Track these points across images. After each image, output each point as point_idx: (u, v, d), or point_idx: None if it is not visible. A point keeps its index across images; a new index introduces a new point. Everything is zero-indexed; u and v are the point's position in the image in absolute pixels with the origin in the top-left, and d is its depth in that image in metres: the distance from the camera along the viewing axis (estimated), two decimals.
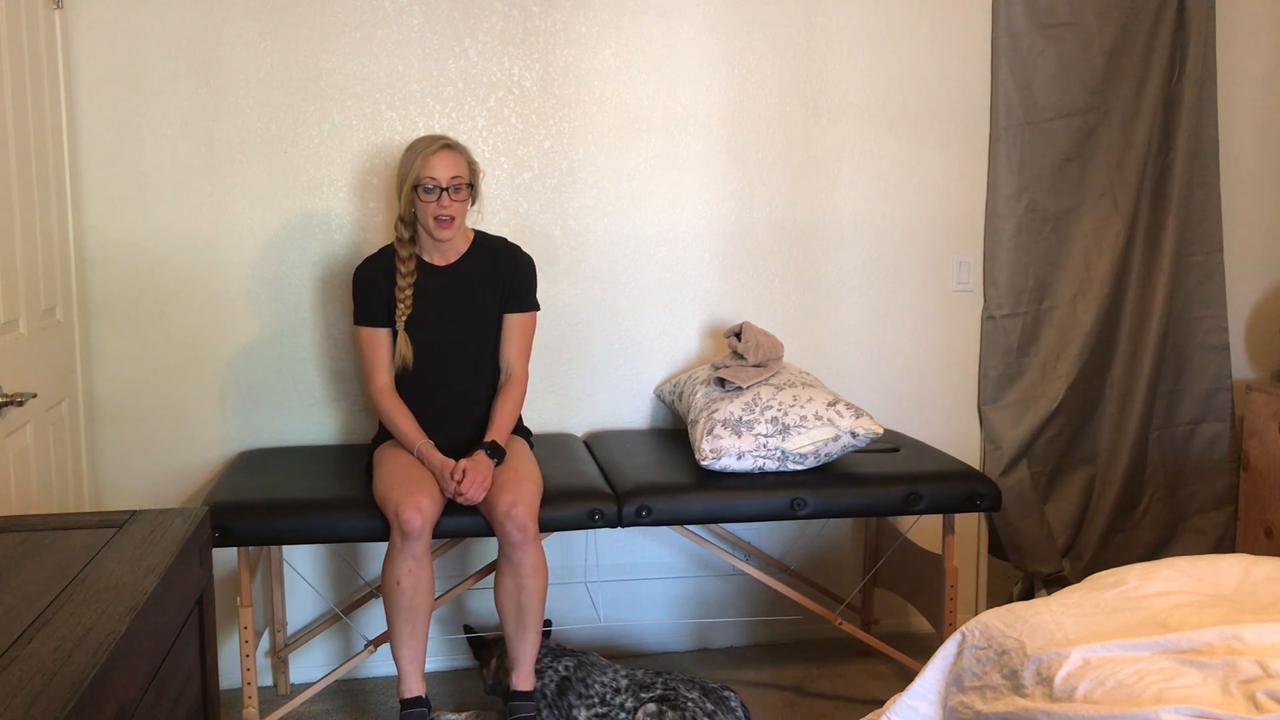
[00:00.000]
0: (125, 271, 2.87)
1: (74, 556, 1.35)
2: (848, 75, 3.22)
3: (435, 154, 2.51)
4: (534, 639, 2.52)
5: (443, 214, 2.52)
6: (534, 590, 2.47)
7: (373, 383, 2.63)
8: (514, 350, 2.67)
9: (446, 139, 2.57)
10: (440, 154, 2.51)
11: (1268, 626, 1.78)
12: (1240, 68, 3.52)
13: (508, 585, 2.48)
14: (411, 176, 2.51)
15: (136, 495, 2.94)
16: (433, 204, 2.51)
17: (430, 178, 2.50)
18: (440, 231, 2.55)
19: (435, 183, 2.51)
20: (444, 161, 2.51)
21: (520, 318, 2.67)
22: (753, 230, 3.23)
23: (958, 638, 2.02)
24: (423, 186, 2.51)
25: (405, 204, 2.54)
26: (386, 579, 2.44)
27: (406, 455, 2.57)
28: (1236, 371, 3.62)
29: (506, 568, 2.47)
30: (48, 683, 0.99)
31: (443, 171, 2.51)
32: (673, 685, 2.59)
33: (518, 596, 2.47)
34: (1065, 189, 3.38)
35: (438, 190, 2.51)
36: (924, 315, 3.38)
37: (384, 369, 2.62)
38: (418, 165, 2.50)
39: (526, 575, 2.46)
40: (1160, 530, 3.61)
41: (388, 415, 2.60)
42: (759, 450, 2.70)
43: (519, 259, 2.70)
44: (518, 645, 2.51)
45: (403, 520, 2.37)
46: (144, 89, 2.83)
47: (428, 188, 2.51)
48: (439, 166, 2.51)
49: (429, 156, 2.50)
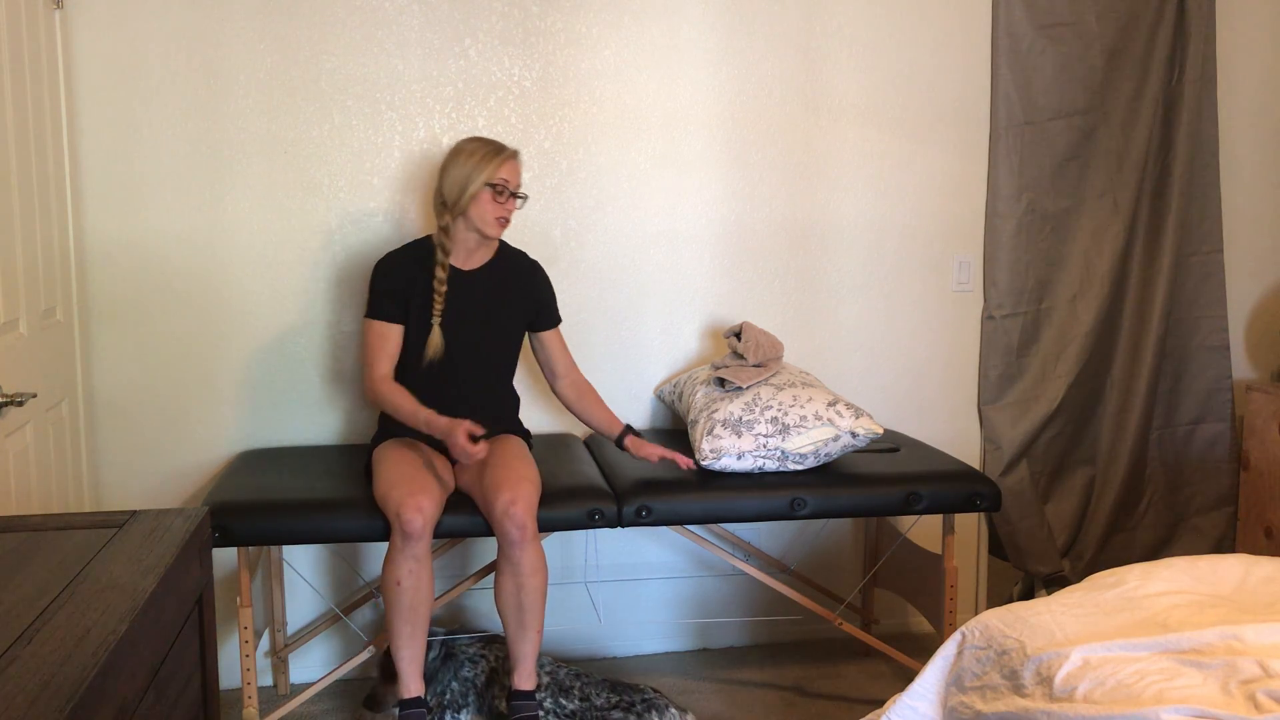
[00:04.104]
0: (125, 271, 2.87)
1: (74, 556, 1.35)
2: (848, 75, 3.22)
3: (511, 160, 2.62)
4: (535, 638, 2.51)
5: (505, 216, 2.61)
6: (534, 589, 2.47)
7: (374, 370, 2.61)
8: (567, 359, 2.81)
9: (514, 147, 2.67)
10: (514, 161, 2.64)
11: (1268, 626, 1.78)
12: (1240, 68, 3.52)
13: (507, 585, 2.48)
14: (486, 176, 2.57)
15: (136, 495, 2.94)
16: (500, 206, 2.60)
17: (505, 180, 2.59)
18: (496, 230, 2.62)
19: (508, 186, 2.60)
20: (516, 168, 2.64)
21: (557, 332, 2.80)
22: (753, 230, 3.23)
23: (958, 638, 2.02)
24: (497, 188, 2.58)
25: (467, 201, 2.58)
26: (386, 579, 2.44)
27: (407, 454, 2.57)
28: (1236, 371, 3.62)
29: (506, 567, 2.47)
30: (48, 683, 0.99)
31: (514, 177, 2.63)
32: (586, 692, 2.66)
33: (518, 595, 2.47)
34: (1065, 189, 3.38)
35: (507, 193, 2.60)
36: (924, 315, 3.38)
37: (386, 360, 2.62)
38: (493, 166, 2.58)
39: (526, 574, 2.46)
40: (1160, 530, 3.61)
41: (388, 399, 2.59)
42: (759, 450, 2.70)
43: (542, 276, 2.80)
44: (519, 645, 2.51)
45: (404, 521, 2.37)
46: (144, 89, 2.83)
47: (499, 188, 2.58)
48: (513, 171, 2.62)
49: (506, 160, 2.61)
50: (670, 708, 2.64)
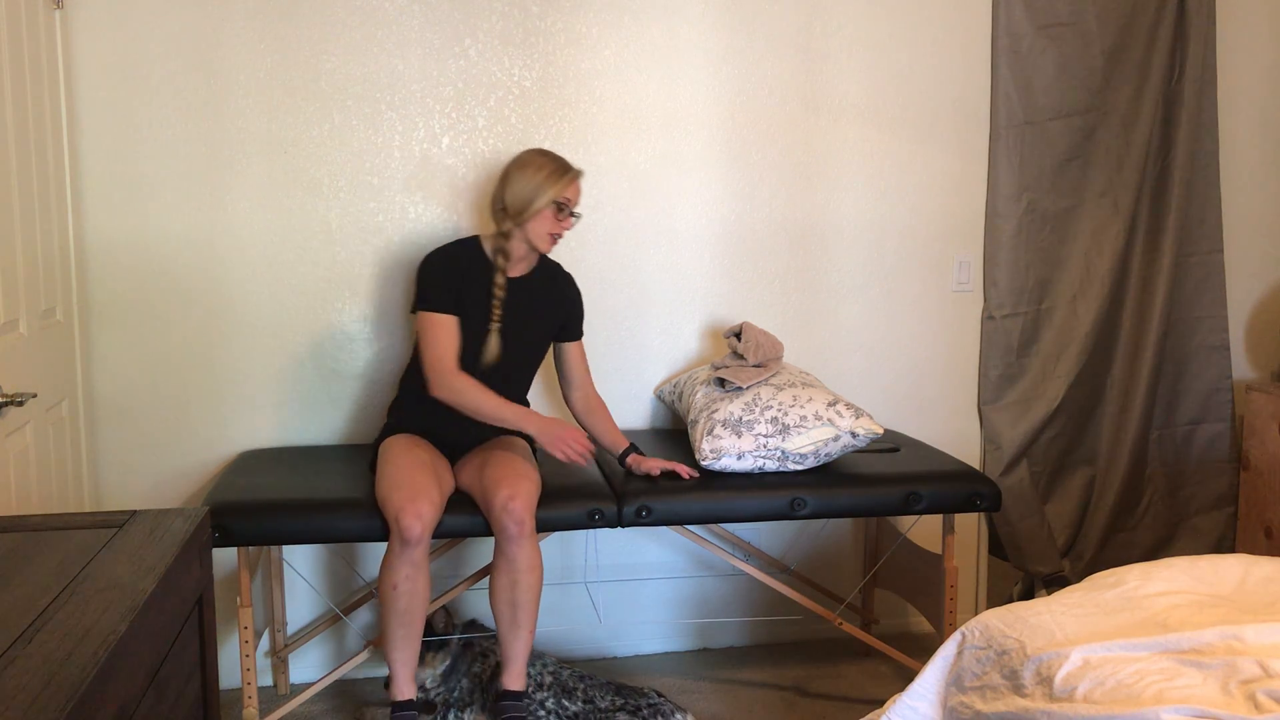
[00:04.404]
0: (125, 271, 2.87)
1: (74, 556, 1.35)
2: (848, 75, 3.22)
3: (576, 179, 2.67)
4: (527, 638, 2.51)
5: (560, 233, 2.67)
6: (528, 587, 2.47)
7: (444, 363, 2.58)
8: (585, 373, 2.83)
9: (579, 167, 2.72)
10: (578, 181, 2.69)
11: (1268, 626, 1.78)
12: (1240, 68, 3.52)
13: (502, 581, 2.47)
14: (554, 194, 2.61)
15: (136, 495, 2.94)
16: (560, 223, 2.65)
17: (569, 199, 2.65)
18: (548, 246, 2.67)
19: (569, 204, 2.65)
20: (579, 188, 2.70)
21: (580, 345, 2.83)
22: (753, 230, 3.23)
23: (958, 638, 2.02)
24: (560, 206, 2.63)
25: (530, 214, 2.62)
26: (383, 582, 2.44)
27: (412, 453, 2.56)
28: (1236, 371, 3.62)
29: (501, 563, 2.47)
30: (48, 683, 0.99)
31: (576, 196, 2.69)
32: (590, 694, 2.67)
33: (512, 593, 2.47)
34: (1065, 189, 3.38)
35: (568, 211, 2.66)
36: (924, 315, 3.38)
37: (453, 353, 2.61)
38: (562, 184, 2.62)
39: (521, 571, 2.45)
40: (1160, 530, 3.61)
41: (466, 393, 2.56)
42: (759, 450, 2.70)
43: (575, 289, 2.84)
44: (511, 643, 2.51)
45: (403, 527, 2.37)
46: (144, 89, 2.83)
47: (562, 206, 2.64)
48: (576, 191, 2.68)
49: (574, 180, 2.66)
50: (675, 713, 2.64)
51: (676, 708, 2.66)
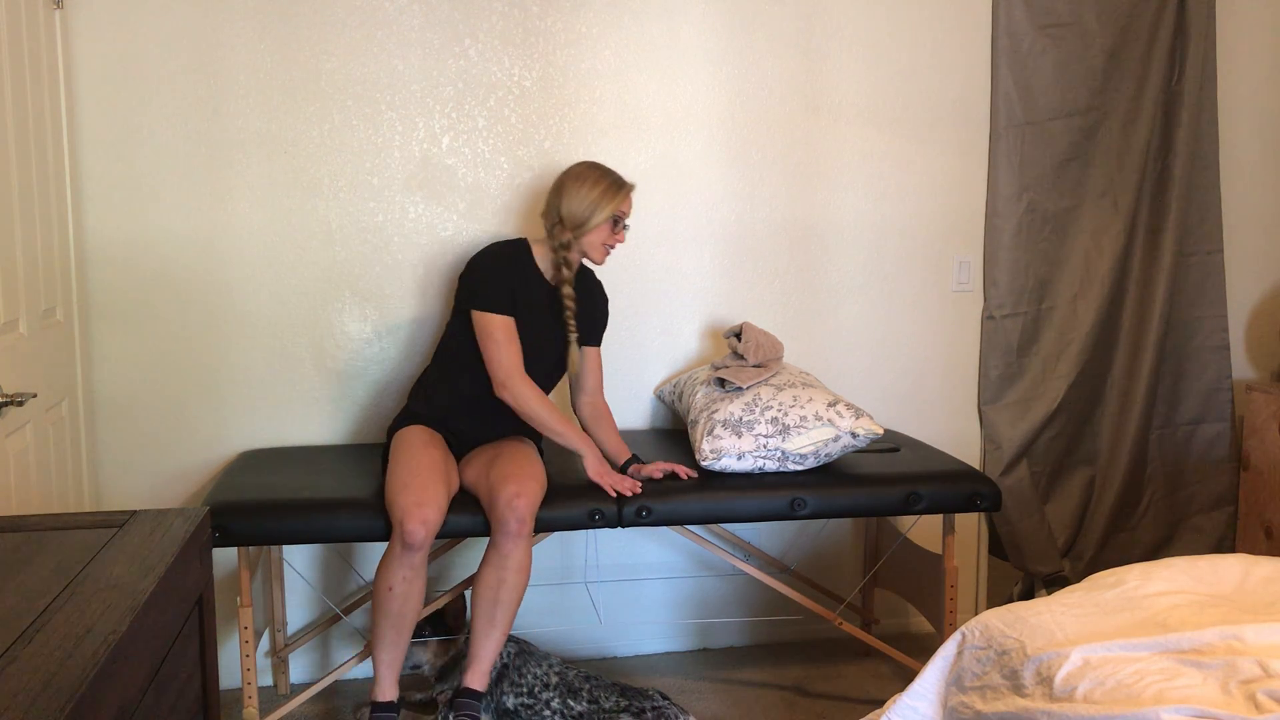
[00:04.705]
0: (125, 271, 2.87)
1: (74, 556, 1.34)
2: (848, 75, 3.22)
3: (631, 193, 2.72)
4: (499, 639, 2.49)
5: (614, 245, 2.72)
6: (514, 587, 2.46)
7: (511, 365, 2.59)
8: (597, 381, 2.83)
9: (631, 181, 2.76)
10: (631, 195, 2.73)
11: (1268, 626, 1.78)
12: (1240, 68, 3.52)
13: (489, 576, 2.46)
14: (613, 208, 2.66)
15: (136, 495, 2.94)
16: (615, 236, 2.70)
17: (624, 213, 2.70)
18: (602, 258, 2.72)
19: (624, 218, 2.70)
20: (632, 201, 2.76)
21: (597, 352, 2.84)
22: (753, 230, 3.23)
23: (958, 638, 2.02)
24: (619, 220, 2.69)
25: (590, 227, 2.65)
26: (379, 582, 2.43)
27: (425, 452, 2.54)
28: (1236, 371, 3.62)
29: (494, 558, 2.46)
30: (48, 683, 0.99)
31: (630, 209, 2.73)
32: (595, 695, 2.67)
33: (497, 590, 2.45)
34: (1065, 189, 3.38)
35: (622, 224, 2.70)
36: (924, 315, 3.38)
37: (518, 355, 2.61)
38: (620, 199, 2.67)
39: (511, 569, 2.45)
40: (1160, 530, 3.61)
41: (536, 402, 2.59)
42: (759, 450, 2.70)
43: (603, 296, 2.88)
44: (482, 642, 2.49)
45: (406, 531, 2.37)
46: (144, 89, 2.83)
47: (618, 221, 2.68)
48: (630, 205, 2.73)
49: (629, 194, 2.71)
50: (679, 715, 2.64)
51: (680, 710, 2.66)
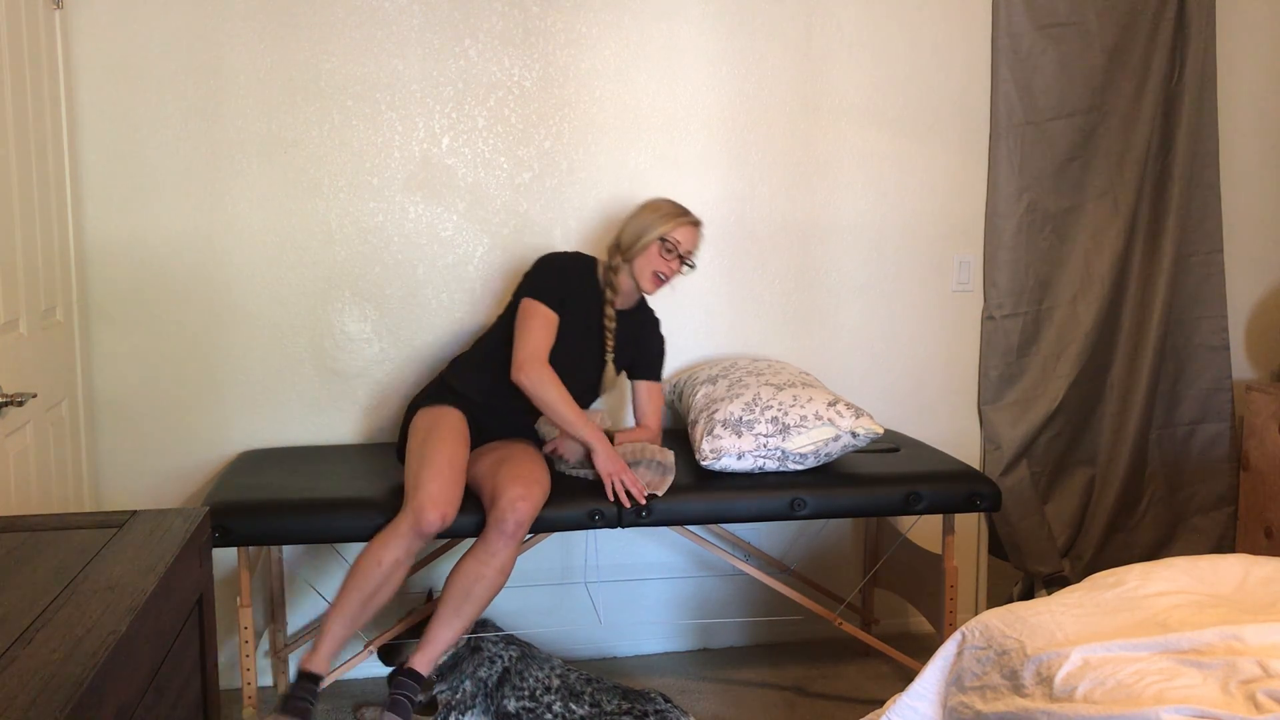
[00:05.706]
0: (125, 271, 2.87)
1: (74, 556, 1.35)
2: (848, 75, 3.22)
3: (689, 225, 2.73)
4: (458, 631, 2.47)
5: (664, 273, 2.70)
6: (490, 585, 2.45)
7: (538, 352, 2.60)
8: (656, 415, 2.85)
9: (698, 218, 2.77)
10: (692, 228, 2.74)
11: (1268, 626, 1.78)
12: (1240, 68, 3.52)
13: (470, 568, 2.44)
14: (662, 230, 2.68)
15: (136, 495, 2.94)
16: (664, 263, 2.69)
17: (678, 240, 2.70)
18: (652, 288, 2.72)
19: (678, 247, 2.70)
20: (692, 235, 2.74)
21: (650, 385, 2.86)
22: (753, 230, 3.23)
23: (958, 638, 2.02)
24: (667, 245, 2.68)
25: (638, 249, 2.68)
26: (369, 554, 2.39)
27: (459, 445, 2.55)
28: (1236, 371, 3.62)
29: (480, 552, 2.45)
30: (48, 683, 0.99)
31: (688, 242, 2.73)
32: (597, 697, 2.66)
33: (473, 583, 2.44)
34: (1065, 189, 3.38)
35: (675, 254, 2.69)
36: (924, 315, 3.37)
37: (548, 347, 2.63)
38: (671, 224, 2.69)
39: (493, 567, 2.44)
40: (1160, 530, 3.61)
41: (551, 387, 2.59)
42: (759, 450, 2.70)
43: (656, 332, 2.89)
44: (439, 628, 2.46)
45: (424, 519, 2.36)
46: (144, 89, 2.83)
47: (669, 246, 2.68)
48: (688, 237, 2.72)
49: (684, 224, 2.71)
50: (680, 719, 2.64)
51: (681, 713, 2.66)
